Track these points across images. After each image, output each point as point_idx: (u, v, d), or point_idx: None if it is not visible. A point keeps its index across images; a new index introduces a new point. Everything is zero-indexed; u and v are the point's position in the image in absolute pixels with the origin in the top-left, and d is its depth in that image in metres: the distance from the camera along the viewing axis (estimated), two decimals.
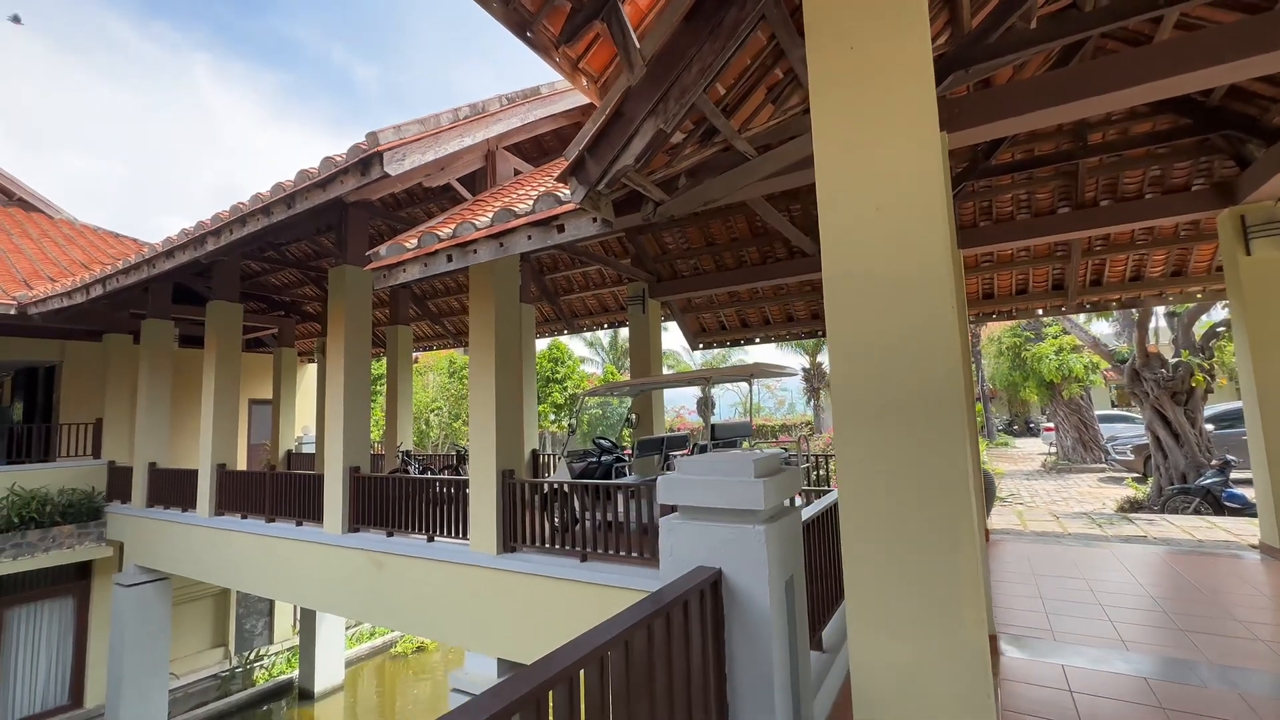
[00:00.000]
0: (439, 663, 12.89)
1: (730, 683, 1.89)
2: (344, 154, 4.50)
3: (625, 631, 1.42)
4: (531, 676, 1.14)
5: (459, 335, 12.49)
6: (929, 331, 1.95)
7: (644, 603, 1.62)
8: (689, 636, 1.73)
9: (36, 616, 9.55)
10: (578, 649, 1.27)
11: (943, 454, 1.85)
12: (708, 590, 1.84)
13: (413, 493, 5.99)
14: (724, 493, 1.93)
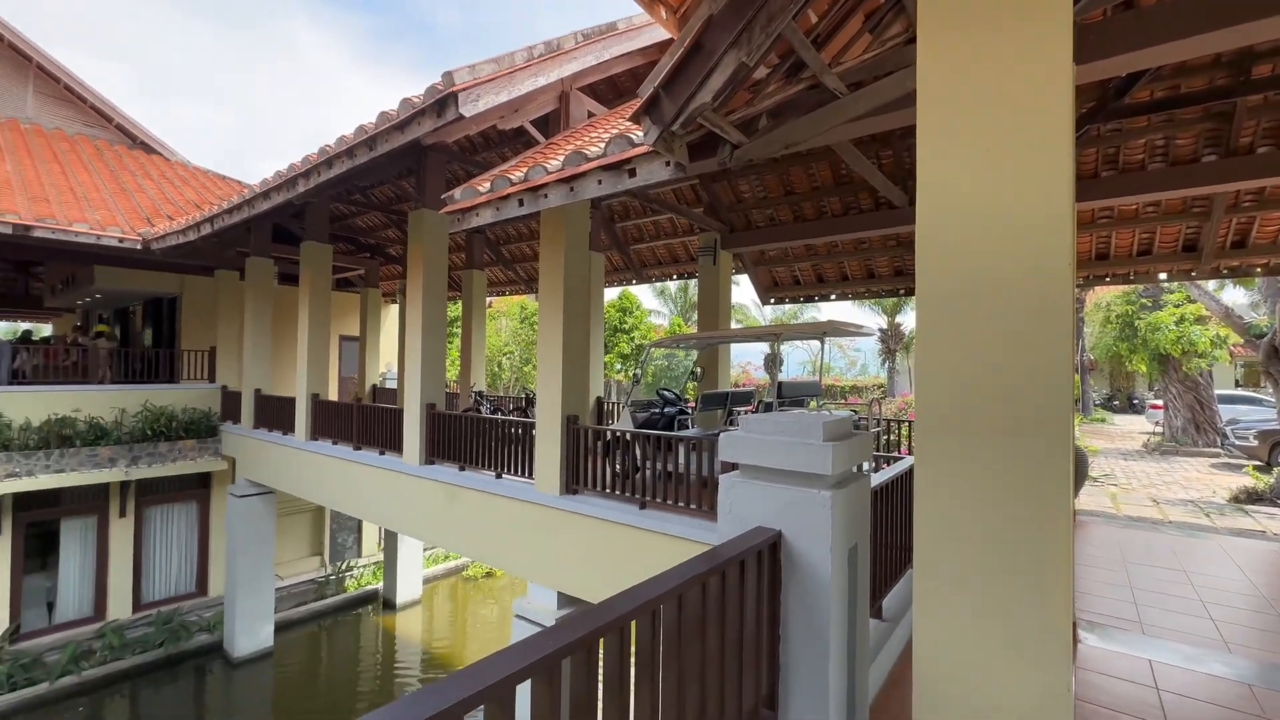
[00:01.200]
0: (505, 588, 13.83)
1: (784, 645, 1.86)
2: (421, 95, 4.52)
3: (680, 586, 1.40)
4: (586, 622, 1.14)
5: (531, 281, 12.70)
6: (1038, 291, 1.72)
7: (700, 559, 1.59)
8: (744, 596, 1.70)
9: (168, 516, 10.98)
10: (632, 599, 1.26)
11: (1043, 419, 1.66)
12: (766, 552, 1.79)
13: (483, 431, 6.26)
14: (789, 454, 1.85)
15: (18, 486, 8.81)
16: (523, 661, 0.99)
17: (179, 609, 10.64)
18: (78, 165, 11.55)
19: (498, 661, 0.99)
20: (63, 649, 9.29)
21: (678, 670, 1.43)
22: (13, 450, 8.77)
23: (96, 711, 8.79)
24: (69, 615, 9.88)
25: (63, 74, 13.30)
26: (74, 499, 9.93)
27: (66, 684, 8.93)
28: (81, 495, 9.96)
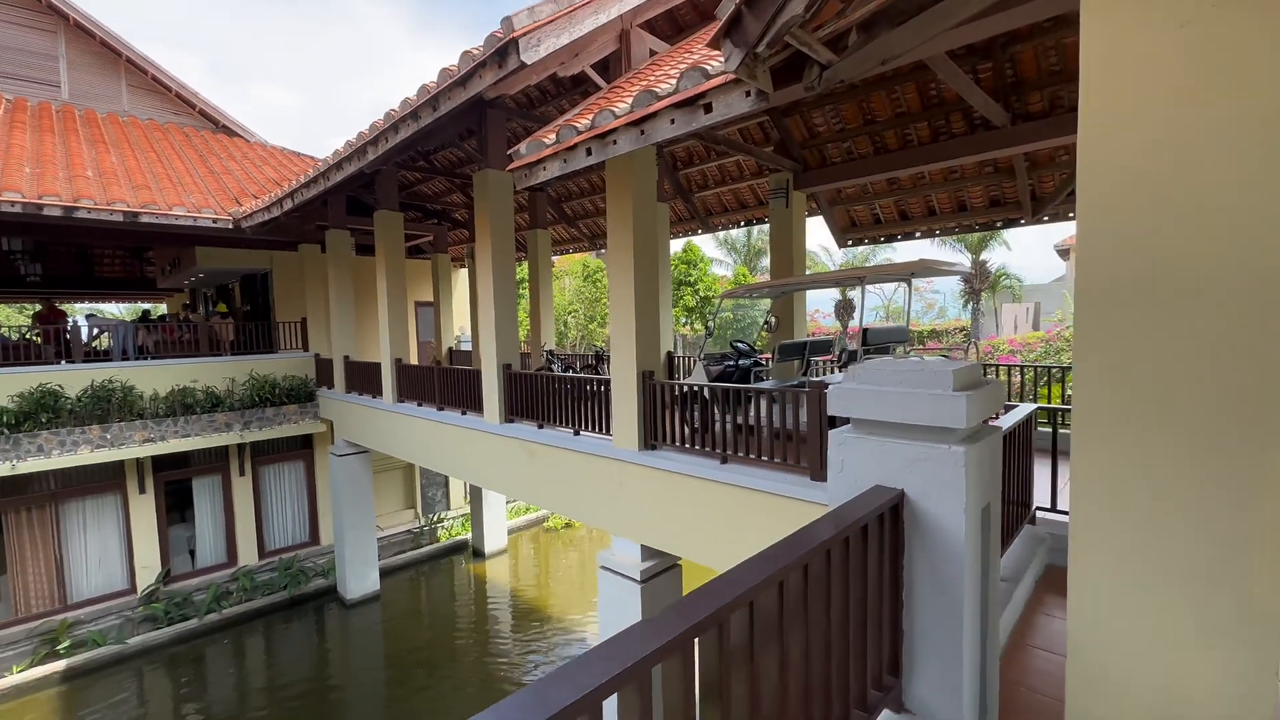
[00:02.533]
0: (584, 537, 14.37)
1: (908, 611, 1.72)
2: (480, 46, 4.37)
3: (806, 555, 1.28)
4: (713, 597, 1.05)
5: (594, 238, 12.57)
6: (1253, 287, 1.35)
7: (823, 523, 1.46)
8: (866, 562, 1.56)
9: (280, 474, 12.02)
10: (757, 571, 1.15)
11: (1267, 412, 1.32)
12: (887, 514, 1.64)
13: (559, 390, 6.33)
14: (914, 406, 1.65)
15: (154, 450, 9.85)
16: (658, 640, 0.91)
17: (297, 556, 11.76)
18: (171, 152, 12.29)
19: (634, 638, 0.91)
20: (206, 590, 10.53)
21: (803, 638, 1.33)
22: (147, 418, 9.78)
23: (238, 643, 9.97)
24: (207, 561, 11.15)
25: (149, 66, 14.05)
26: (200, 460, 11.03)
27: (211, 620, 10.15)
28: (206, 456, 11.04)
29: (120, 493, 10.18)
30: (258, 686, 8.88)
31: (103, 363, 9.90)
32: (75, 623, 9.45)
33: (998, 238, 25.75)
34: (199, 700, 8.49)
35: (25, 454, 8.72)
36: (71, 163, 9.97)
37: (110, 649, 9.25)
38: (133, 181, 10.07)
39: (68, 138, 11.07)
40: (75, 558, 9.81)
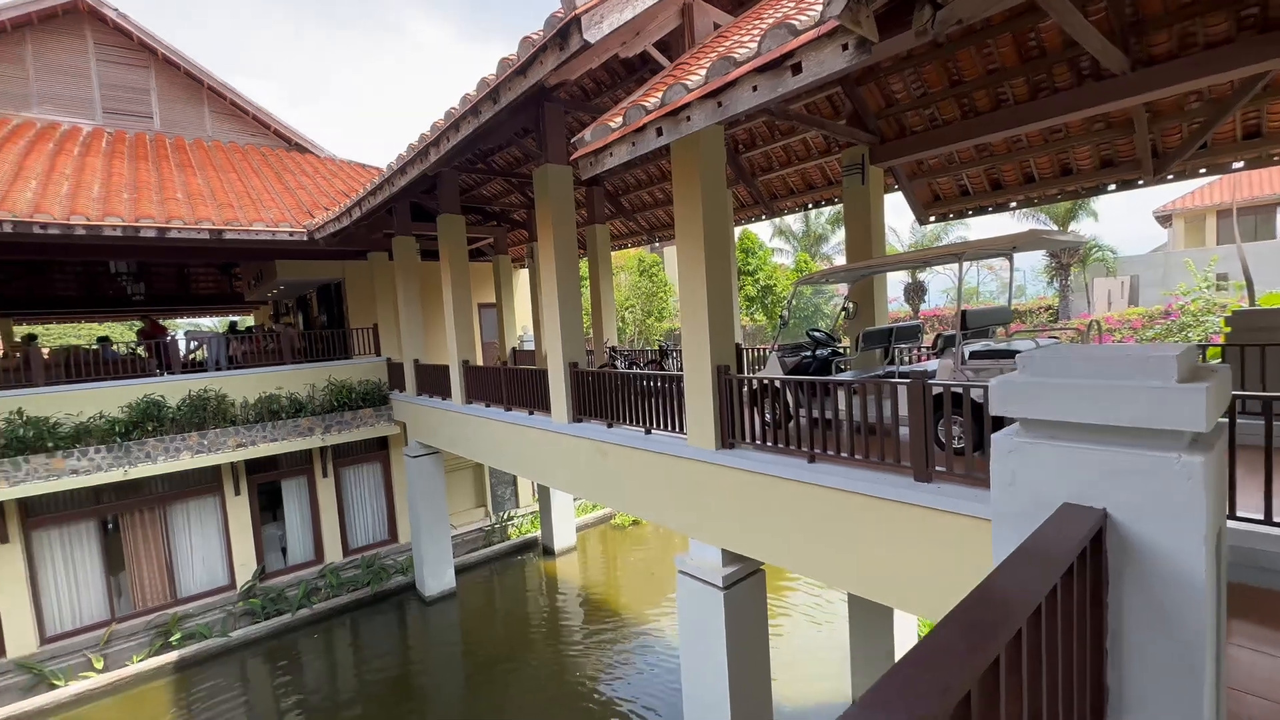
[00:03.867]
0: (651, 535, 14.21)
1: (1113, 668, 1.36)
2: (539, 31, 4.18)
3: (1017, 620, 0.96)
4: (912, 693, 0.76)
5: (652, 230, 12.31)
6: None
7: (1020, 568, 1.13)
8: (1056, 603, 1.21)
9: (359, 475, 12.48)
10: (959, 658, 0.85)
11: None
12: (1089, 546, 1.28)
13: (628, 387, 6.12)
14: (1121, 403, 1.29)
15: (246, 455, 10.41)
16: None
17: (378, 554, 12.19)
18: (250, 171, 12.95)
19: None
20: (297, 586, 11.06)
21: None
22: (238, 424, 10.34)
23: (327, 637, 10.41)
24: (297, 559, 11.72)
25: (228, 92, 14.89)
26: (288, 463, 11.58)
27: (303, 615, 10.65)
28: (292, 459, 11.59)
29: (219, 495, 10.83)
30: (347, 679, 9.22)
31: (198, 373, 10.54)
32: (184, 616, 10.13)
33: (1085, 207, 23.62)
34: (296, 691, 8.90)
35: (135, 460, 9.38)
36: (163, 187, 10.64)
37: (216, 641, 9.86)
38: (217, 201, 10.64)
39: (160, 164, 11.84)
40: (183, 555, 10.52)
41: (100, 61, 13.38)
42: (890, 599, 4.05)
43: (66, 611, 9.54)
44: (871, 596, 4.17)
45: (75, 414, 9.09)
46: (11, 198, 8.49)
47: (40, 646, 9.21)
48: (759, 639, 5.40)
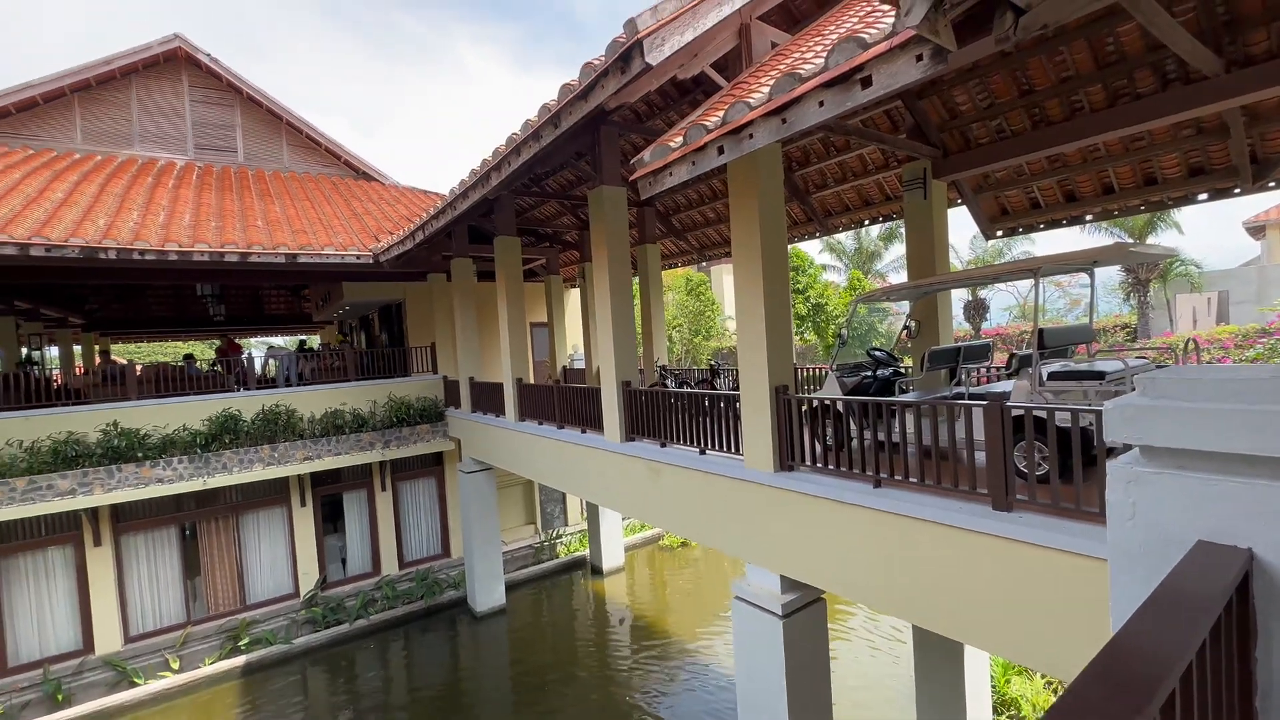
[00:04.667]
0: (700, 557, 13.95)
1: None
2: (601, 56, 4.28)
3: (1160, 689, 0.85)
4: None
5: (703, 249, 12.31)
6: None
7: (1160, 609, 1.01)
8: (1207, 655, 1.07)
9: (415, 490, 12.82)
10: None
11: None
12: (1234, 594, 1.14)
13: (681, 406, 6.06)
14: (1276, 431, 1.15)
15: (312, 467, 10.87)
16: None
17: (431, 568, 12.43)
18: (321, 199, 13.75)
19: None
20: (355, 597, 11.39)
21: None
22: (306, 438, 10.83)
23: (383, 648, 10.63)
24: (356, 570, 12.08)
25: (304, 126, 15.94)
26: (349, 476, 12.03)
27: (360, 625, 10.93)
28: (354, 473, 12.03)
29: (286, 506, 11.33)
30: (399, 691, 9.37)
31: (271, 389, 11.13)
32: (252, 622, 10.57)
33: (1166, 219, 22.16)
34: (351, 701, 9.10)
35: (213, 471, 9.95)
36: (246, 215, 11.41)
37: (279, 648, 10.23)
38: (293, 227, 11.32)
39: (243, 194, 12.73)
40: (252, 563, 11.02)
41: (193, 102, 14.59)
42: (963, 634, 3.80)
43: (149, 613, 10.13)
44: (942, 631, 3.92)
45: (162, 426, 9.75)
46: (116, 227, 9.29)
47: (124, 645, 9.79)
48: (820, 670, 5.16)
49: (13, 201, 9.40)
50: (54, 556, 9.52)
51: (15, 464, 8.66)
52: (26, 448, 8.80)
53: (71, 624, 9.56)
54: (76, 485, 8.94)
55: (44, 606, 9.41)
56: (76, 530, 9.59)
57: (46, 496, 8.75)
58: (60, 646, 9.46)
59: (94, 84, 13.54)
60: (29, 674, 9.06)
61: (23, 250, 8.19)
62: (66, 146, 13.25)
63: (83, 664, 9.36)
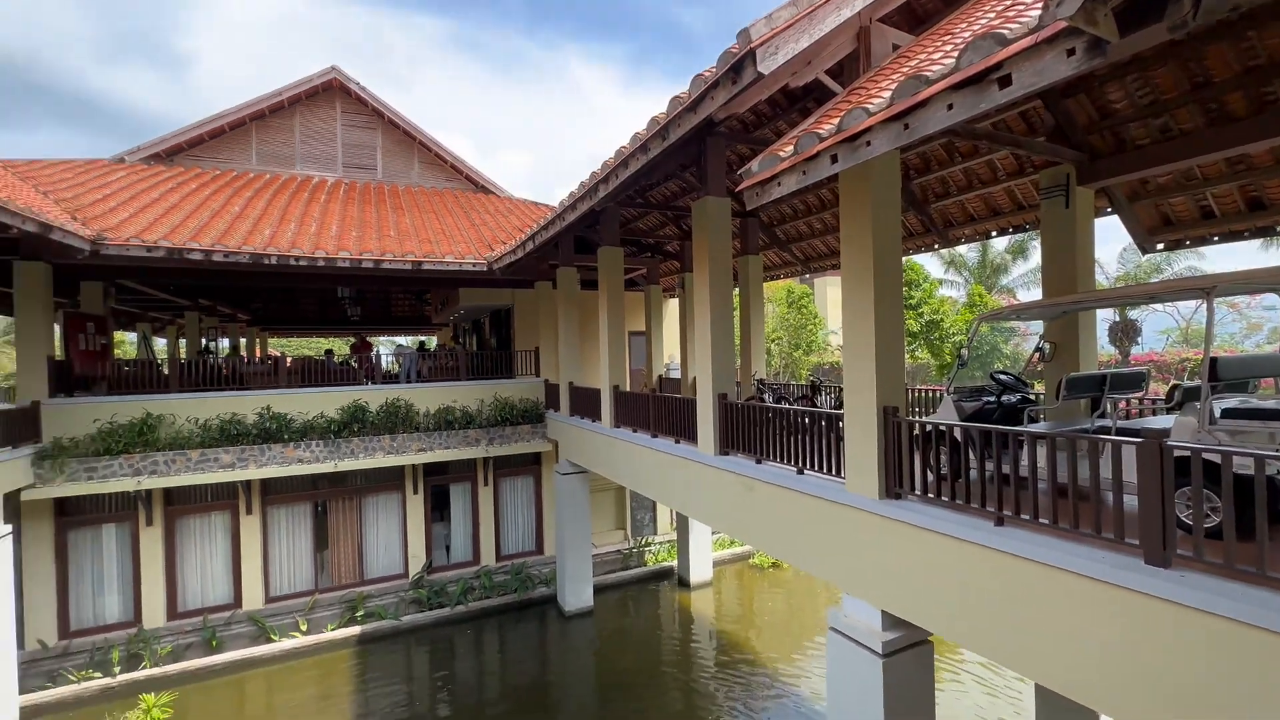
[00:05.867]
0: (792, 579, 13.39)
1: None
2: (712, 68, 4.28)
3: None
4: None
5: (808, 261, 11.92)
6: None
7: None
8: None
9: (514, 487, 13.44)
10: None
11: None
12: None
13: (779, 422, 5.87)
14: None
15: (425, 459, 11.74)
16: None
17: (525, 563, 12.94)
18: (444, 211, 14.91)
19: None
20: (456, 583, 12.11)
21: None
22: (420, 431, 11.72)
23: (478, 635, 11.20)
24: (458, 558, 12.85)
25: (433, 145, 17.42)
26: (456, 469, 12.85)
27: (460, 611, 11.60)
28: (460, 466, 12.83)
29: (400, 492, 12.31)
30: (491, 678, 9.83)
31: (393, 384, 12.19)
32: (367, 596, 11.56)
33: None
34: (447, 681, 9.66)
35: (343, 455, 11.04)
36: (381, 226, 12.63)
37: (389, 623, 11.10)
38: (419, 237, 12.36)
39: (380, 208, 14.11)
40: (370, 542, 12.08)
41: (344, 126, 16.44)
42: (1101, 704, 3.32)
43: (286, 578, 11.40)
44: (1076, 697, 3.45)
45: (304, 412, 10.97)
46: (278, 236, 10.65)
47: (265, 604, 11.08)
48: (923, 717, 4.74)
49: (202, 215, 11.07)
50: (215, 520, 11.00)
51: (192, 438, 10.13)
52: (201, 424, 10.27)
53: (226, 581, 10.98)
54: (236, 460, 10.28)
55: (206, 563, 10.89)
56: (233, 499, 11.02)
57: (213, 468, 10.15)
58: (216, 599, 10.89)
59: (267, 113, 15.67)
60: (192, 620, 10.51)
61: (207, 256, 9.61)
62: (244, 167, 15.42)
63: (232, 617, 10.71)
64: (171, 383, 10.79)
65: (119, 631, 10.10)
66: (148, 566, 10.39)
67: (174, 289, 14.96)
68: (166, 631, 10.26)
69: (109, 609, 10.26)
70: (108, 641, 9.83)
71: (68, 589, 9.98)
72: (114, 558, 10.33)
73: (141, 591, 10.34)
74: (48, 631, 9.72)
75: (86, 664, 9.46)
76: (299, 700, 9.19)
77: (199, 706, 9.01)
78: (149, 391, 10.52)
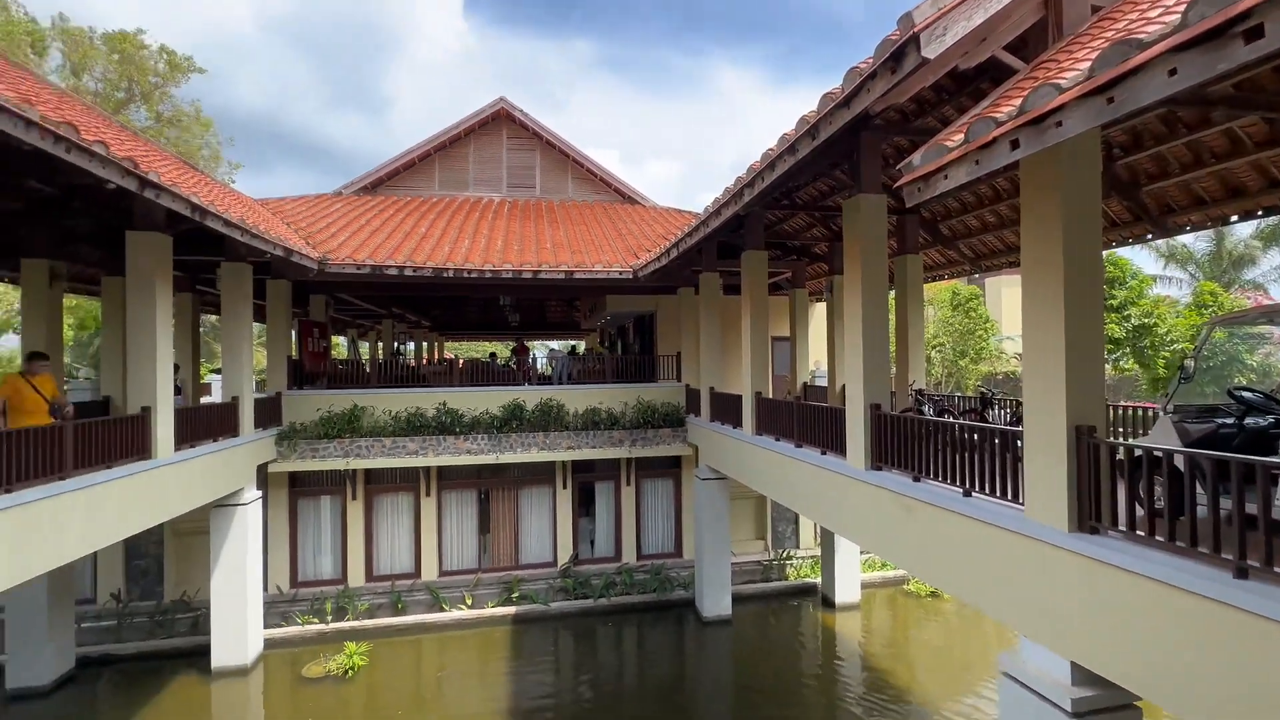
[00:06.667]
0: (952, 612, 12.07)
1: None
2: (869, 59, 4.03)
3: None
4: None
5: (978, 259, 10.70)
6: None
7: None
8: None
9: (654, 488, 13.77)
10: None
11: None
12: None
13: (943, 437, 5.32)
14: None
15: (573, 456, 12.50)
16: None
17: (664, 564, 13.18)
18: (594, 223, 15.78)
19: None
20: (599, 577, 12.69)
21: None
22: (569, 430, 12.50)
23: (619, 628, 11.63)
24: (600, 553, 13.47)
25: (585, 161, 18.55)
26: (600, 468, 13.49)
27: (602, 604, 12.14)
28: (604, 465, 13.45)
29: (551, 486, 13.22)
30: (630, 674, 10.15)
31: (546, 386, 13.14)
32: (521, 580, 12.57)
33: None
34: (587, 670, 10.16)
35: (504, 449, 12.15)
36: (539, 240, 13.73)
37: (539, 607, 11.96)
38: (571, 248, 13.22)
39: (538, 223, 15.34)
40: (525, 530, 13.13)
41: (508, 150, 18.15)
42: None
43: (455, 555, 12.82)
44: None
45: (472, 409, 12.26)
46: (454, 253, 12.05)
47: (438, 577, 12.55)
48: None
49: (396, 237, 12.90)
50: (402, 500, 12.71)
51: (385, 427, 11.82)
52: (392, 416, 11.94)
53: (409, 553, 12.63)
54: (419, 448, 11.80)
55: (394, 536, 12.62)
56: (415, 483, 12.65)
57: (401, 454, 11.75)
58: (401, 568, 12.57)
59: (447, 144, 17.82)
60: (383, 584, 12.24)
61: (400, 271, 11.18)
62: (428, 193, 17.68)
63: (413, 585, 12.28)
64: (371, 379, 12.70)
65: (330, 587, 12.08)
66: (352, 534, 12.31)
67: (374, 300, 17.61)
68: (365, 591, 12.05)
69: (323, 567, 12.33)
70: (322, 594, 11.81)
71: (296, 547, 12.17)
72: (327, 525, 12.39)
73: (347, 555, 12.28)
74: (283, 580, 11.94)
75: (307, 610, 11.44)
76: (464, 667, 10.26)
77: (387, 658, 10.45)
78: (355, 387, 12.49)
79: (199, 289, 13.33)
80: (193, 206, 6.81)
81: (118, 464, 6.79)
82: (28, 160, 5.17)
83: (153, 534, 10.78)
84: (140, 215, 7.34)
